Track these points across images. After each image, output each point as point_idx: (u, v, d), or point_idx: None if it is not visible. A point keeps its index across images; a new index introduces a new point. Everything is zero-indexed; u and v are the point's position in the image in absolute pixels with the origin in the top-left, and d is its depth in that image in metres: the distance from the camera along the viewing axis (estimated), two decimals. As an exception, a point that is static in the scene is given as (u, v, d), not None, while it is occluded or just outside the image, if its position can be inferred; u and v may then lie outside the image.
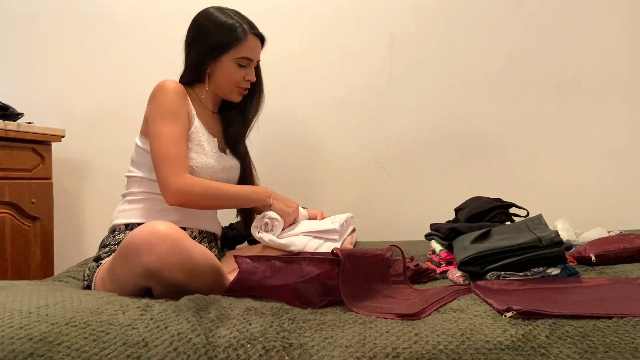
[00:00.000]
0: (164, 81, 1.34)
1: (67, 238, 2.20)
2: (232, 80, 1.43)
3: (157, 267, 0.96)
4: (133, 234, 1.01)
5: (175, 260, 0.96)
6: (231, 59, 1.40)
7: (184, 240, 0.99)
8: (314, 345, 0.76)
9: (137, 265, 0.98)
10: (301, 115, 2.22)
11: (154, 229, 0.98)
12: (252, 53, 1.43)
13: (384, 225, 2.17)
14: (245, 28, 1.40)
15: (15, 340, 0.76)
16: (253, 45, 1.43)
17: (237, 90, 1.46)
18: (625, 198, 2.15)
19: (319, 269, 0.95)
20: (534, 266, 1.15)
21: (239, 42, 1.39)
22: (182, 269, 0.97)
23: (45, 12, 2.20)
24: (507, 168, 2.19)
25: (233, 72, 1.42)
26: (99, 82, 2.21)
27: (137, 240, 0.99)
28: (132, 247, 0.99)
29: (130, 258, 1.00)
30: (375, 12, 2.21)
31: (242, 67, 1.42)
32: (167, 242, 0.96)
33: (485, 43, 2.20)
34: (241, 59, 1.41)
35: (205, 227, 1.42)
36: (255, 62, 1.46)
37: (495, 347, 0.74)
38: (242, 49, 1.40)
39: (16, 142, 1.77)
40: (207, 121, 1.45)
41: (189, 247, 0.99)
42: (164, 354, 0.74)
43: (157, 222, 1.01)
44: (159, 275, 0.96)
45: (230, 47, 1.39)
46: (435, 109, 2.22)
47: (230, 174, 1.47)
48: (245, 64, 1.42)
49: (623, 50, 2.18)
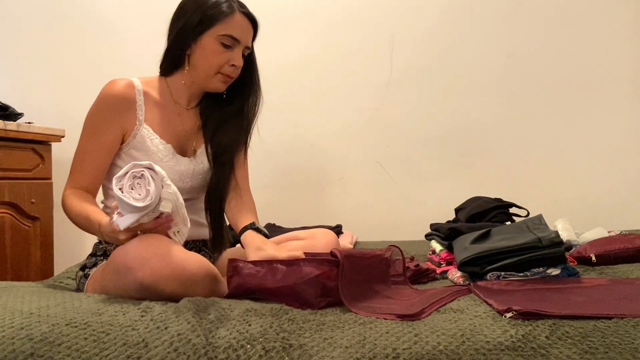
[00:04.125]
0: (108, 85, 1.25)
1: (67, 238, 2.19)
2: (213, 62, 1.25)
3: (152, 281, 0.94)
4: (124, 250, 0.98)
5: (169, 273, 0.94)
6: (214, 36, 1.23)
7: (177, 252, 0.97)
8: (313, 346, 0.76)
9: (130, 281, 0.96)
10: (301, 116, 2.22)
11: (144, 242, 0.97)
12: (239, 33, 1.25)
13: (384, 225, 2.17)
14: (232, 4, 1.25)
15: (16, 341, 0.76)
16: (241, 23, 1.26)
17: (219, 76, 1.27)
18: (625, 198, 2.16)
19: (319, 270, 0.95)
20: (534, 266, 1.15)
21: (224, 17, 1.23)
22: (177, 281, 0.95)
23: (45, 13, 2.20)
24: (507, 168, 2.20)
25: (215, 52, 1.24)
26: (98, 82, 2.19)
27: (129, 257, 0.96)
28: (124, 264, 0.97)
29: (123, 275, 0.97)
30: (376, 12, 2.21)
31: (226, 48, 1.25)
32: (158, 255, 0.95)
33: (485, 43, 2.20)
34: (225, 36, 1.23)
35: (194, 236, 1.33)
36: (242, 45, 1.27)
37: (495, 348, 0.74)
38: (227, 26, 1.23)
39: (16, 142, 1.77)
40: (169, 121, 1.30)
41: (182, 258, 0.97)
42: (164, 354, 0.74)
43: (147, 236, 0.99)
44: (154, 289, 0.95)
45: (214, 22, 1.23)
46: (435, 109, 2.22)
47: (195, 181, 1.32)
48: (231, 43, 1.25)
49: (623, 50, 2.18)
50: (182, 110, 1.33)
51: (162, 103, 1.30)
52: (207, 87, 1.30)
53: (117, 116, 1.24)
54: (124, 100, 1.25)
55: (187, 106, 1.34)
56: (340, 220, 2.06)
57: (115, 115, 1.23)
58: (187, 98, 1.34)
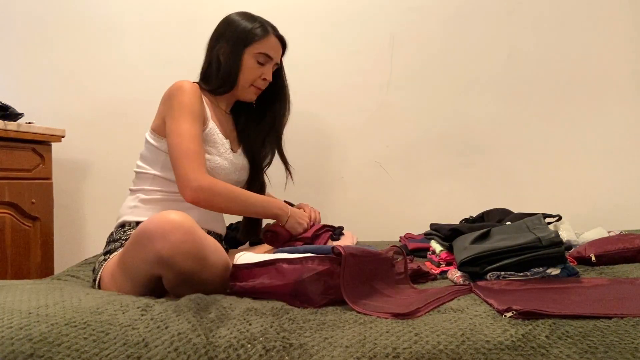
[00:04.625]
0: (181, 81, 1.36)
1: (67, 238, 2.20)
2: (249, 76, 1.45)
3: (169, 255, 0.97)
4: (147, 222, 1.02)
5: (188, 248, 0.97)
6: (251, 54, 1.43)
7: (197, 230, 1.00)
8: (314, 345, 0.76)
9: (149, 251, 0.99)
10: (301, 116, 2.21)
11: (168, 217, 1.00)
12: (273, 52, 1.46)
13: (384, 225, 2.17)
14: (266, 27, 1.46)
15: (15, 341, 0.76)
16: (274, 44, 1.47)
17: (252, 88, 1.48)
18: (625, 198, 2.15)
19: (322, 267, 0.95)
20: (534, 266, 1.15)
21: (260, 38, 1.43)
22: (194, 258, 0.98)
23: (45, 13, 2.20)
24: (507, 168, 2.19)
25: (251, 68, 1.44)
26: (98, 82, 2.21)
27: (150, 227, 1.00)
28: (145, 234, 1.01)
29: (143, 245, 1.01)
30: (376, 12, 2.21)
31: (260, 65, 1.45)
32: (180, 230, 0.97)
33: (485, 43, 2.20)
34: (260, 54, 1.44)
35: (213, 228, 1.44)
36: (274, 63, 1.49)
37: (495, 347, 0.74)
38: (263, 45, 1.44)
39: (16, 142, 1.77)
40: (220, 122, 1.47)
41: (201, 237, 1.01)
42: (164, 354, 0.74)
43: (170, 212, 1.02)
44: (171, 262, 0.97)
45: (252, 42, 1.43)
46: (435, 109, 2.22)
47: (240, 175, 1.50)
48: (264, 61, 1.45)
49: (623, 50, 2.18)
50: (223, 114, 1.51)
51: (213, 106, 1.47)
52: (241, 97, 1.50)
53: (200, 104, 1.36)
54: (200, 94, 1.38)
55: (226, 111, 1.53)
56: (340, 220, 2.05)
57: (200, 105, 1.36)
58: (226, 104, 1.53)
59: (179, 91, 1.33)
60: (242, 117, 1.56)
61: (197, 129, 1.31)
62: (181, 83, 1.35)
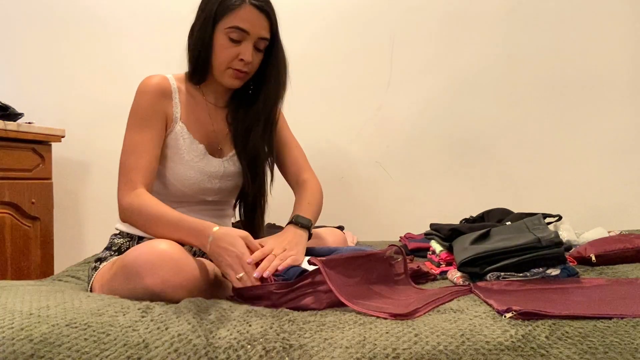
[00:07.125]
0: (145, 79, 1.23)
1: (67, 238, 2.20)
2: (222, 57, 1.20)
3: (160, 289, 0.95)
4: (134, 254, 0.99)
5: (178, 282, 0.95)
6: (222, 30, 1.19)
7: (187, 260, 0.98)
8: (314, 346, 0.76)
9: (138, 285, 0.97)
10: (301, 116, 2.21)
11: (157, 249, 0.97)
12: (247, 24, 1.18)
13: (384, 225, 2.17)
14: None
15: (16, 342, 0.76)
16: (250, 15, 1.18)
17: (230, 71, 1.21)
18: (625, 198, 2.16)
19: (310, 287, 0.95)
20: (533, 267, 1.15)
21: (231, 10, 1.17)
22: (186, 289, 0.96)
23: (44, 13, 2.20)
24: (507, 168, 2.20)
25: (222, 46, 1.19)
26: (98, 82, 2.21)
27: (139, 262, 0.97)
28: (134, 269, 0.98)
29: (132, 279, 0.98)
30: (376, 12, 2.21)
31: (234, 43, 1.19)
32: (170, 264, 0.95)
33: (485, 44, 2.20)
34: (232, 29, 1.17)
35: None
36: (252, 37, 1.20)
37: (495, 348, 0.74)
38: (235, 18, 1.17)
39: (16, 142, 1.77)
40: (200, 120, 1.28)
41: (192, 267, 0.98)
42: (165, 355, 0.74)
43: (160, 241, 0.99)
44: (162, 296, 0.96)
45: (222, 16, 1.18)
46: (435, 109, 2.22)
47: (224, 183, 1.30)
48: (238, 37, 1.18)
49: (623, 50, 2.18)
50: (212, 109, 1.31)
51: (195, 101, 1.28)
52: (223, 84, 1.26)
53: (160, 105, 1.21)
54: (164, 90, 1.23)
55: (216, 104, 1.32)
56: (340, 220, 2.06)
57: (158, 104, 1.21)
58: (214, 95, 1.31)
59: (137, 93, 1.22)
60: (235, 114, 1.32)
61: (142, 137, 1.18)
62: (143, 82, 1.22)
